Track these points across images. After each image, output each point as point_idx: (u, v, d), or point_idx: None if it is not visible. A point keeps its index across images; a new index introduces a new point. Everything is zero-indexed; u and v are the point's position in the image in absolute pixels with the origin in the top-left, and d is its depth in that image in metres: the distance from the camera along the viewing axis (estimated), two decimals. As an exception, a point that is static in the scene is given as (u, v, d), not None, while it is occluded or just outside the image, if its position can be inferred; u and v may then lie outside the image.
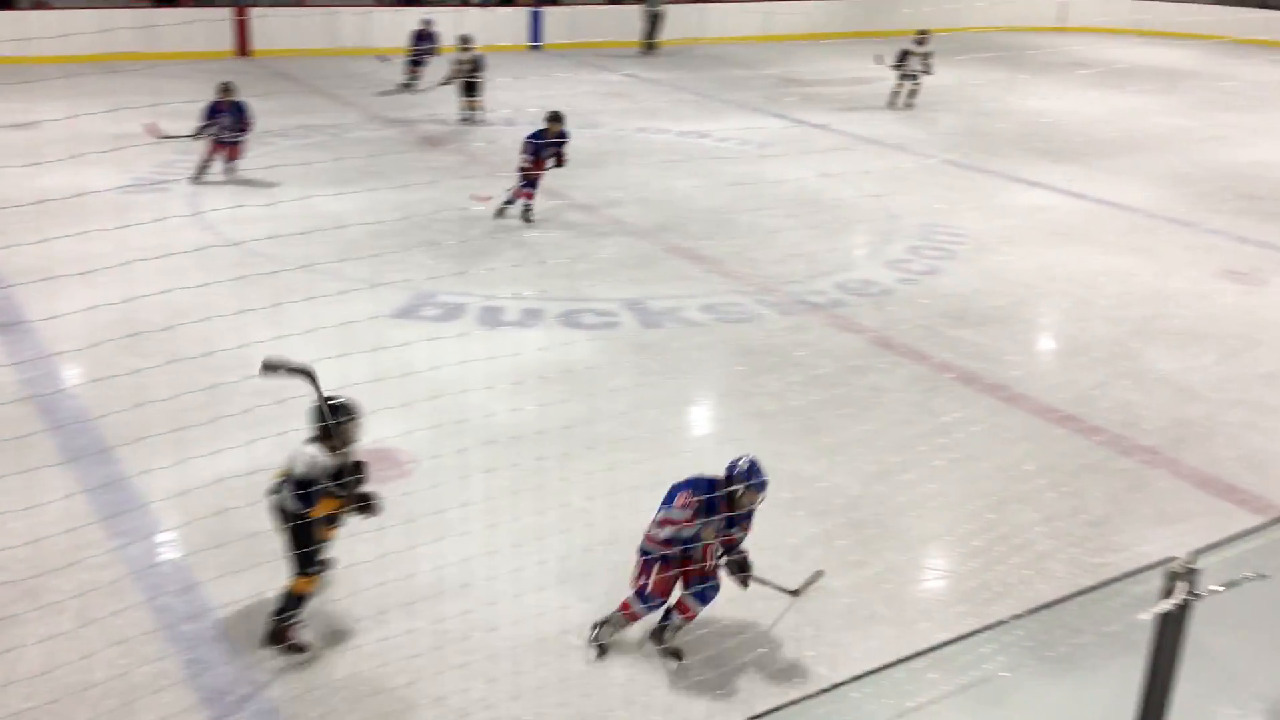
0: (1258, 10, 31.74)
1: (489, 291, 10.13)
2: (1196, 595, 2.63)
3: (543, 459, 6.41)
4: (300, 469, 5.07)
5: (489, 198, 12.27)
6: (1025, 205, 13.99)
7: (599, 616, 5.50)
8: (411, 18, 20.19)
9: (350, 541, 5.43)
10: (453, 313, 9.74)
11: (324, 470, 5.09)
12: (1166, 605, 2.62)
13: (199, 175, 13.39)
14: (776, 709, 3.22)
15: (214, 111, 13.29)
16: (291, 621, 5.26)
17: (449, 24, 19.34)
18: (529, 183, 12.00)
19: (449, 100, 17.43)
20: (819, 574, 5.81)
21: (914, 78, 19.30)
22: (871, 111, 19.11)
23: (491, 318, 9.69)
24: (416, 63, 19.29)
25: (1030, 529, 6.67)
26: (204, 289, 5.64)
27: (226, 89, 13.24)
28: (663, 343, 9.41)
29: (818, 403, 8.12)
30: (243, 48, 22.68)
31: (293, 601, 5.24)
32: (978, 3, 32.58)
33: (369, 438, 6.60)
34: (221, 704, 5.03)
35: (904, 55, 19.29)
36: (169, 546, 6.16)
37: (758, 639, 5.61)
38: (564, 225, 12.46)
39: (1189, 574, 2.61)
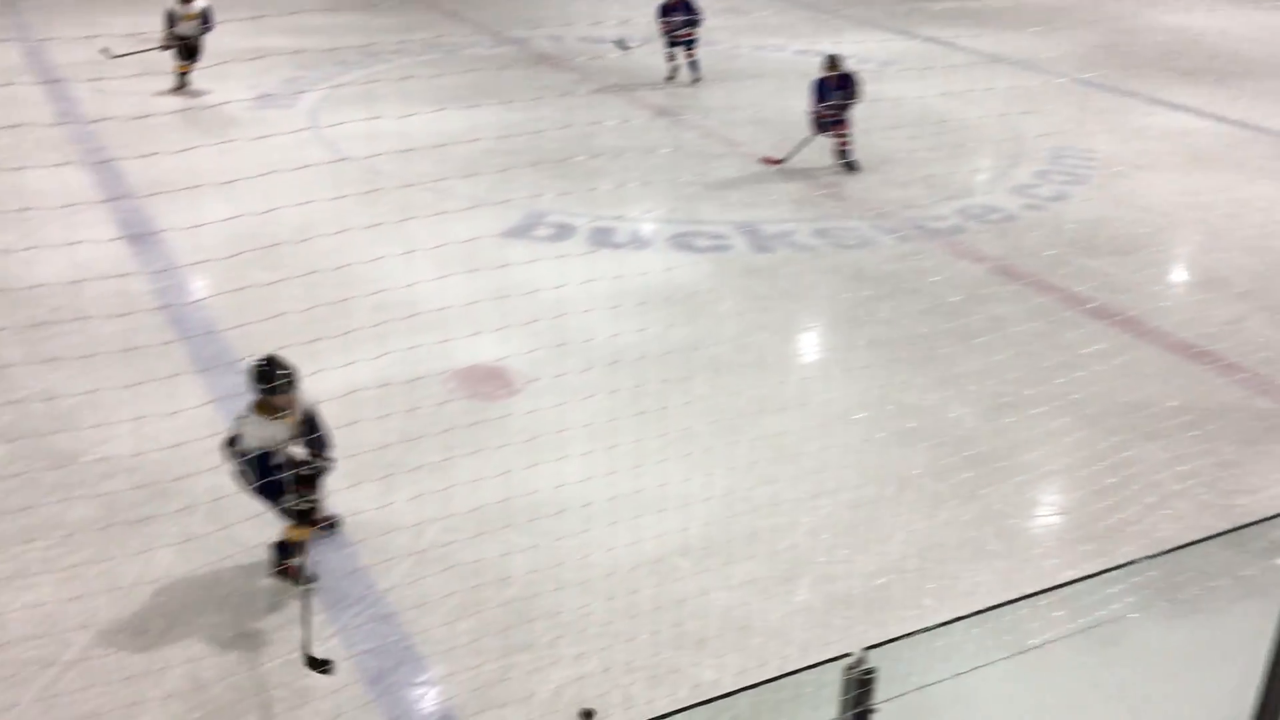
0: None
1: (601, 212, 10.08)
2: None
3: (640, 385, 6.36)
4: (249, 442, 5.00)
5: (780, 160, 11.49)
6: (1163, 128, 13.30)
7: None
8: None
9: (470, 458, 5.51)
10: (564, 233, 9.74)
11: (271, 440, 5.00)
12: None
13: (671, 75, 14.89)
14: (892, 639, 3.16)
15: (667, 10, 14.44)
16: (291, 563, 5.24)
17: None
18: (821, 128, 11.23)
19: (578, 18, 17.25)
20: None
21: None
22: (1002, 28, 18.31)
23: (602, 239, 9.66)
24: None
25: (1157, 468, 6.42)
26: (327, 204, 5.71)
27: None
28: (774, 267, 9.26)
29: (935, 332, 7.92)
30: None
31: (287, 548, 5.24)
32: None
33: (483, 355, 6.68)
34: (342, 609, 5.20)
35: None
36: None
37: (861, 570, 5.56)
38: (677, 146, 12.30)
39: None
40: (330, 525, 5.63)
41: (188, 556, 5.34)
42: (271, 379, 4.94)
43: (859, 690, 2.89)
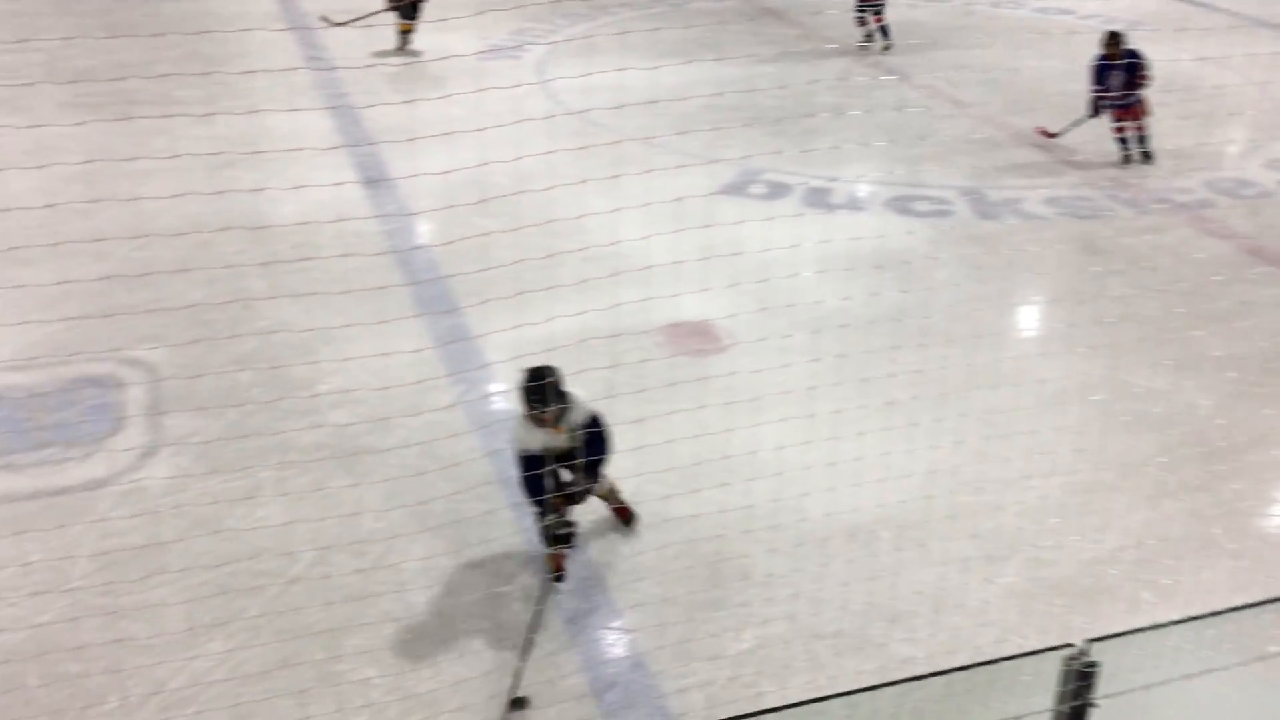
0: None
1: (817, 172, 9.88)
2: None
3: (870, 351, 6.20)
4: (522, 445, 4.93)
5: (1055, 134, 10.70)
6: None
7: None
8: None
9: (670, 416, 5.52)
10: (779, 192, 9.60)
11: (541, 446, 4.90)
12: None
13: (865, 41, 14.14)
14: (1118, 634, 2.97)
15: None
16: (558, 554, 5.14)
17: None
18: (1095, 112, 10.26)
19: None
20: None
21: None
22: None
23: (818, 199, 9.48)
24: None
25: None
26: (549, 157, 5.79)
27: None
28: (999, 236, 8.87)
29: (1171, 313, 7.40)
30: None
31: (559, 540, 5.11)
32: None
33: (692, 311, 6.65)
34: (540, 549, 5.33)
35: None
36: (504, 399, 6.51)
37: (1075, 557, 5.29)
38: (900, 106, 11.91)
39: None
40: (628, 520, 5.55)
41: (404, 488, 5.58)
42: (531, 398, 4.83)
43: (1078, 683, 2.74)
